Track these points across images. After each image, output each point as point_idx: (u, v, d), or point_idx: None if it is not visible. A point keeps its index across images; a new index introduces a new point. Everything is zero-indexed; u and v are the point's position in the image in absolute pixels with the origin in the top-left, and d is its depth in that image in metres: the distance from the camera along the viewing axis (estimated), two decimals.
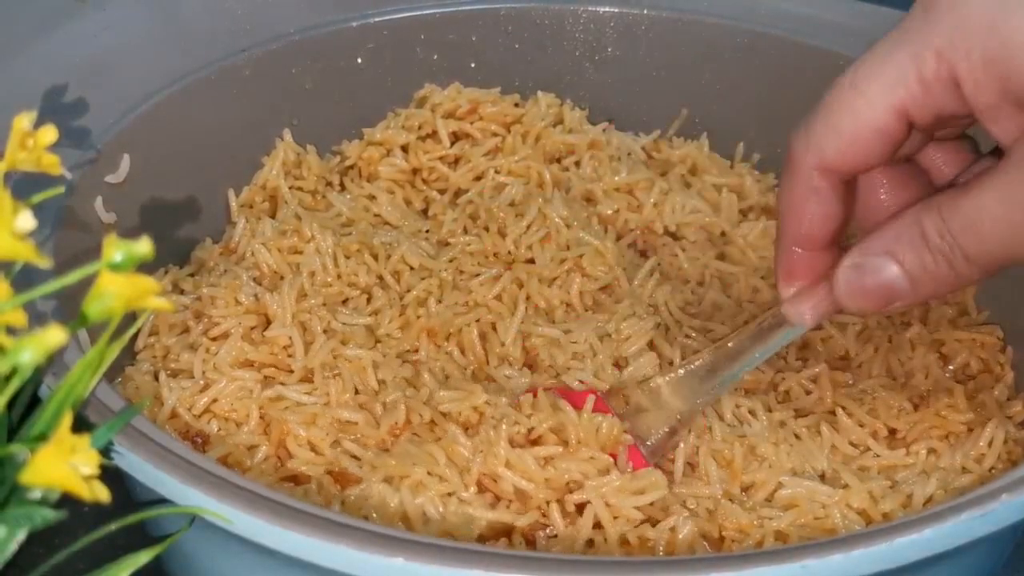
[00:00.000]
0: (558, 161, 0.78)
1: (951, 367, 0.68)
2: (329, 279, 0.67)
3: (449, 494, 0.55)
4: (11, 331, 0.37)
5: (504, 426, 0.58)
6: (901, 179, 0.51)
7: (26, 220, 0.37)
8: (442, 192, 0.77)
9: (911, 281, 0.47)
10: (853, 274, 0.48)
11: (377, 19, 0.80)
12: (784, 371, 0.66)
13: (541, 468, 0.56)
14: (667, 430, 0.60)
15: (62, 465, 0.35)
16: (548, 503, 0.56)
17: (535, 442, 0.58)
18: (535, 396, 0.60)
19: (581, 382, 0.63)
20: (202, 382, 0.61)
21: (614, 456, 0.58)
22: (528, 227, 0.71)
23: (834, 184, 0.49)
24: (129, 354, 0.63)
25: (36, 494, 0.41)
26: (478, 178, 0.77)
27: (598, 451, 0.58)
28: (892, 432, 0.63)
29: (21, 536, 0.41)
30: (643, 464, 0.59)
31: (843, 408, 0.63)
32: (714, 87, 0.82)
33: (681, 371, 0.60)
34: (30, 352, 0.35)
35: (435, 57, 0.81)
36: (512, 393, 0.62)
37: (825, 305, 0.51)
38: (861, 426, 0.63)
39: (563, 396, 0.61)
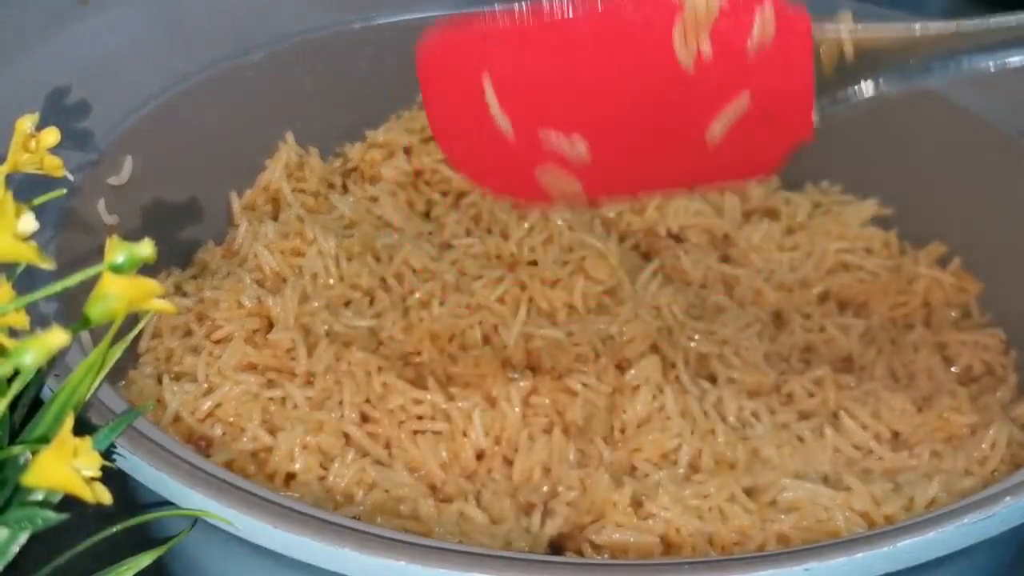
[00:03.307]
0: None
1: (954, 369, 0.68)
2: (331, 281, 0.67)
3: None
4: (13, 333, 0.37)
5: None
6: None
7: (28, 222, 0.37)
8: (445, 194, 0.76)
9: None
10: None
11: (380, 21, 0.79)
12: (787, 373, 0.66)
13: None
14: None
15: (64, 467, 0.35)
16: None
17: None
18: None
19: (584, 384, 0.63)
20: (205, 386, 0.61)
21: None
22: (531, 229, 0.71)
23: None
24: (132, 356, 0.63)
25: (38, 496, 0.41)
26: None
27: None
28: (895, 434, 0.63)
29: (23, 538, 0.41)
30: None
31: (846, 410, 0.63)
32: None
33: (875, 32, 0.48)
34: (32, 354, 0.35)
35: None
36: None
37: None
38: (864, 428, 0.62)
39: None
